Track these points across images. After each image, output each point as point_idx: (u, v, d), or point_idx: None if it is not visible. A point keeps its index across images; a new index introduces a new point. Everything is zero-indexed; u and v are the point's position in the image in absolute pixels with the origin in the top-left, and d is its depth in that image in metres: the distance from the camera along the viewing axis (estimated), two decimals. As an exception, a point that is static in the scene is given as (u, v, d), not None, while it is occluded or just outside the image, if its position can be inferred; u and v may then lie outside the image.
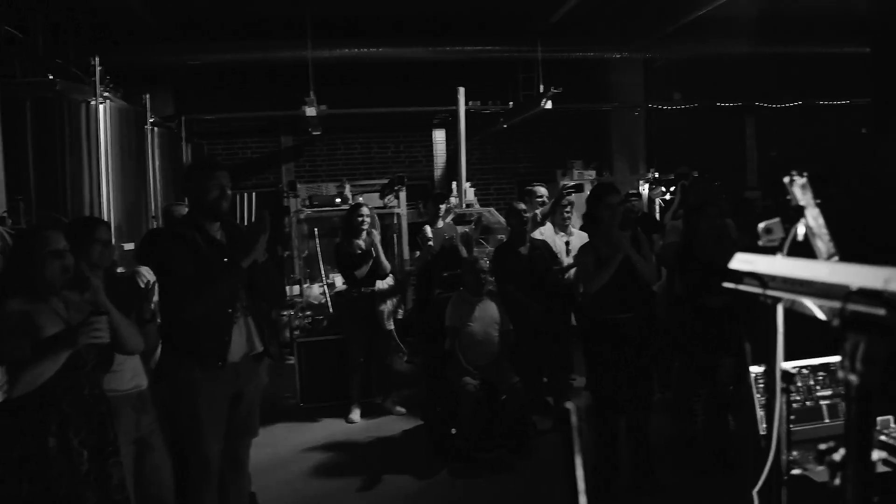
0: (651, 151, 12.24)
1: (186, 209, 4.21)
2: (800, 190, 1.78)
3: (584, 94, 11.76)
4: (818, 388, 2.71)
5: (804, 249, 1.79)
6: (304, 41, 9.27)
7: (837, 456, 1.26)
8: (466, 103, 9.79)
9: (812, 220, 1.77)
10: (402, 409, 6.55)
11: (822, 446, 1.29)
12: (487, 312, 5.63)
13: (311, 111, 9.25)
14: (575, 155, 11.81)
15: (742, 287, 1.47)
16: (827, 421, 2.69)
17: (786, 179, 1.74)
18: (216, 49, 9.65)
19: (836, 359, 2.75)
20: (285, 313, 8.32)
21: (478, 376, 5.44)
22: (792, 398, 2.62)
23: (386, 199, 8.96)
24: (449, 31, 9.95)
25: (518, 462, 5.28)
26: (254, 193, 10.97)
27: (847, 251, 1.90)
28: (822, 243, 1.77)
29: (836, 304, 1.17)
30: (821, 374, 2.73)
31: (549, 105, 9.09)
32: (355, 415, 6.44)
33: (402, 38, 9.94)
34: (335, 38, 9.73)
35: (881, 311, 1.10)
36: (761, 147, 13.32)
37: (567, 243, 6.30)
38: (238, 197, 10.83)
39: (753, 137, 13.34)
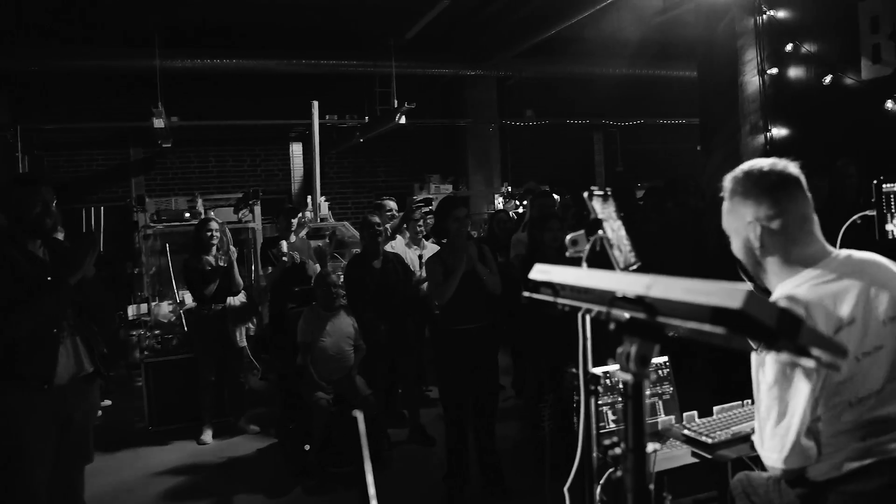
0: (505, 166, 12.62)
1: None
2: (599, 203, 1.91)
3: (440, 109, 11.98)
4: (637, 388, 2.89)
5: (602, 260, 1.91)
6: (153, 49, 8.94)
7: (619, 449, 1.36)
8: (323, 117, 9.74)
9: (611, 232, 1.90)
10: (256, 428, 6.40)
11: (606, 442, 1.38)
12: (340, 327, 5.61)
13: (159, 122, 8.92)
14: (432, 169, 12.01)
15: (538, 296, 1.55)
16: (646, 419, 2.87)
17: (585, 194, 1.86)
18: (56, 55, 9.10)
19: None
20: (134, 333, 7.95)
21: (331, 391, 5.41)
22: (612, 399, 2.78)
23: (240, 214, 8.76)
24: (306, 44, 9.89)
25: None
26: (102, 208, 10.42)
27: (681, 259, 2.06)
28: (620, 254, 1.90)
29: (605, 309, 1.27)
30: (640, 375, 2.91)
31: (403, 120, 9.20)
32: (207, 436, 6.24)
33: (257, 49, 9.79)
34: (186, 48, 9.45)
35: (642, 315, 1.19)
36: (608, 162, 14.04)
37: (420, 256, 6.38)
38: (84, 212, 10.28)
39: (601, 153, 14.03)
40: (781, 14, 6.27)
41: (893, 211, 2.34)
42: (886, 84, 5.51)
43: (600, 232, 1.84)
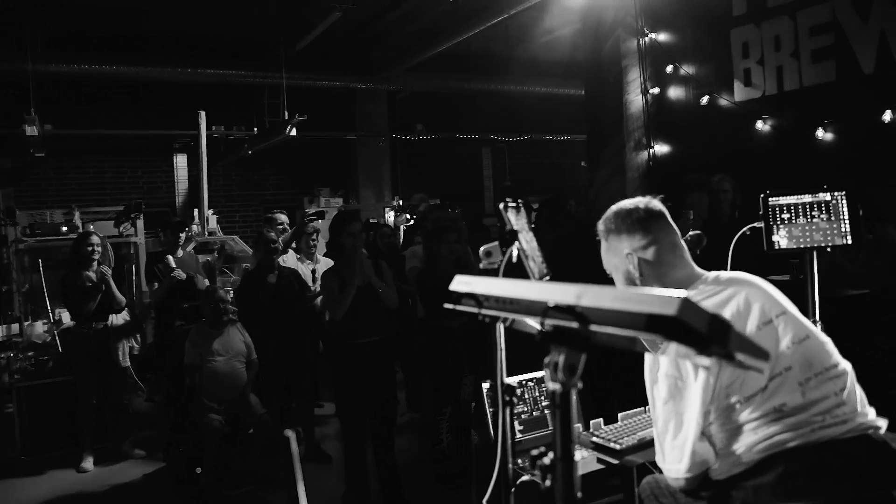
0: (395, 180, 12.64)
1: None
2: (513, 215, 1.94)
3: (330, 122, 11.87)
4: (542, 398, 2.94)
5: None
6: (25, 52, 8.42)
7: (547, 459, 1.36)
8: (210, 128, 9.44)
9: (525, 244, 1.93)
10: (142, 452, 6.09)
11: (535, 452, 1.38)
12: (231, 344, 5.43)
13: (31, 130, 8.40)
14: (322, 182, 11.87)
15: (460, 307, 1.55)
16: (551, 428, 2.92)
17: (500, 206, 1.88)
18: None
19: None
20: (2, 355, 7.42)
21: (224, 411, 5.22)
22: (519, 409, 2.81)
23: (121, 228, 8.35)
24: (193, 53, 9.58)
25: (268, 496, 5.13)
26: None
27: (569, 270, 2.11)
28: (535, 264, 1.93)
29: (538, 320, 1.28)
30: (543, 385, 2.96)
31: (293, 132, 9.05)
32: (88, 463, 5.89)
33: (141, 56, 9.39)
34: (63, 52, 8.95)
35: (574, 324, 1.21)
36: (497, 177, 14.30)
37: (313, 271, 6.28)
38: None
39: (490, 168, 14.29)
40: (662, 37, 6.59)
41: (779, 222, 2.48)
42: (757, 106, 5.88)
43: (516, 243, 1.86)
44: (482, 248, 1.98)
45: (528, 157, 13.78)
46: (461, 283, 1.57)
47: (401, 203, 10.51)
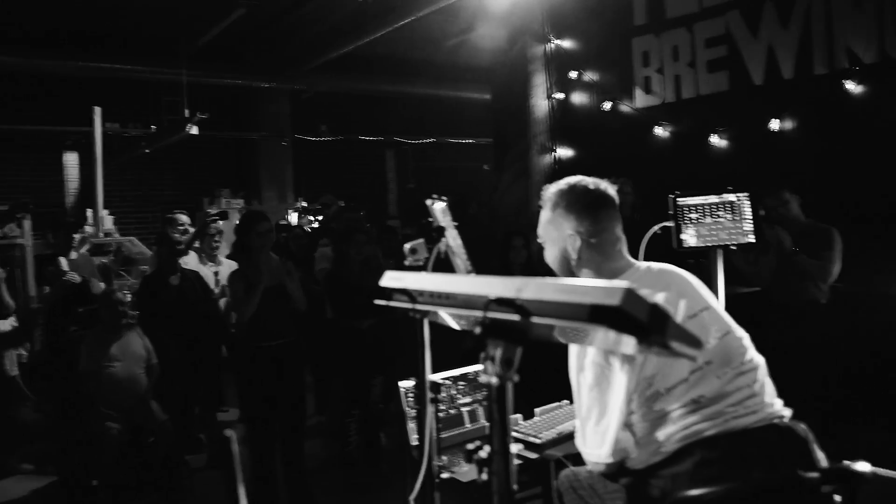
0: (299, 181, 12.45)
1: None
2: (440, 212, 1.94)
3: (232, 121, 11.59)
4: (459, 396, 2.95)
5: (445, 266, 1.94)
6: None
7: (483, 453, 1.37)
8: (103, 124, 9.03)
9: (451, 240, 1.93)
10: (30, 466, 5.75)
11: (470, 446, 1.39)
12: (130, 349, 5.20)
13: None
14: (223, 183, 11.56)
15: (392, 303, 1.54)
16: (468, 426, 2.94)
17: (428, 202, 1.88)
18: None
19: (473, 368, 3.03)
20: None
21: (122, 419, 4.99)
22: (438, 407, 2.81)
23: (6, 228, 7.87)
24: (87, 46, 9.13)
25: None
26: None
27: (486, 267, 2.13)
28: (461, 261, 1.94)
29: (478, 314, 1.28)
30: (461, 383, 2.98)
31: (194, 130, 8.77)
32: (-31, 479, 5.52)
33: (27, 47, 8.87)
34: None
35: (516, 317, 1.22)
36: (400, 179, 14.31)
37: (216, 273, 6.10)
38: None
39: (393, 170, 14.28)
40: (567, 44, 6.76)
41: (687, 222, 2.59)
42: (656, 112, 6.12)
43: (444, 239, 1.87)
44: (407, 245, 1.97)
45: (432, 160, 13.85)
46: (392, 279, 1.56)
47: (305, 205, 10.36)
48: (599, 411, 2.01)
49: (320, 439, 5.98)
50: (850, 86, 4.86)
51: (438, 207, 1.94)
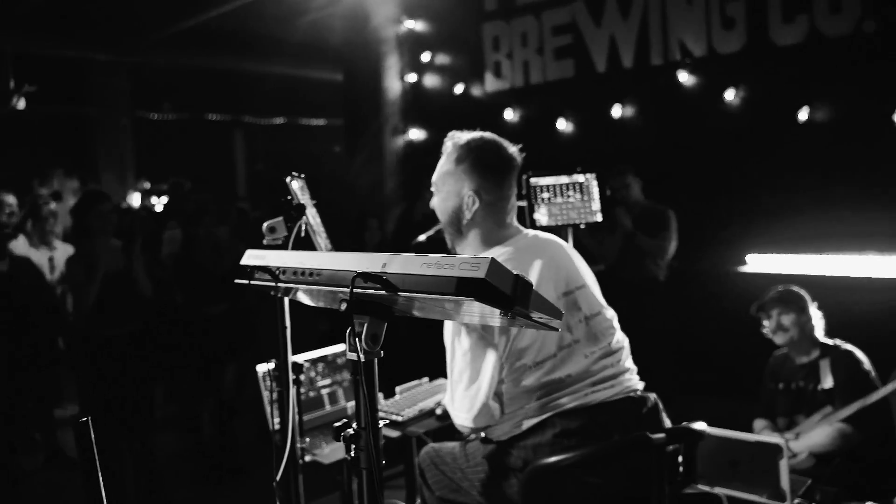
0: (141, 161, 11.81)
1: None
2: (299, 190, 1.90)
3: (64, 96, 10.78)
4: (319, 378, 2.92)
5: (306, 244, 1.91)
6: None
7: (352, 430, 1.37)
8: None
9: (311, 218, 1.91)
10: None
11: (337, 424, 1.38)
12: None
13: None
14: (55, 163, 10.74)
15: (255, 282, 1.50)
16: (328, 408, 2.92)
17: (287, 179, 1.84)
18: None
19: (331, 350, 3.01)
20: None
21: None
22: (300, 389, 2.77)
23: None
24: None
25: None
26: None
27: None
28: (321, 239, 1.92)
29: (344, 290, 1.27)
30: (320, 365, 2.95)
31: (22, 104, 8.10)
32: None
33: None
34: None
35: (382, 292, 1.22)
36: (249, 161, 13.90)
37: (51, 259, 5.68)
38: None
39: (242, 151, 13.84)
40: (419, 27, 6.80)
41: (540, 202, 2.69)
42: (505, 96, 6.29)
43: (304, 217, 1.84)
44: (265, 224, 1.93)
45: (282, 141, 13.53)
46: (254, 258, 1.52)
47: (148, 186, 9.86)
48: (471, 376, 2.03)
49: (172, 431, 5.74)
50: (683, 76, 5.20)
51: (297, 185, 1.90)
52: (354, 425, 1.38)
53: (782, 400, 3.45)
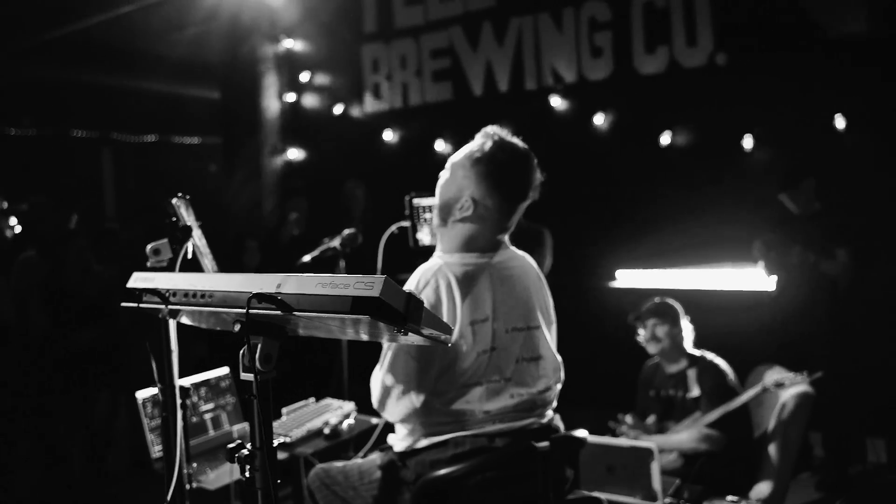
0: (-1, 179, 11.08)
1: None
2: (184, 210, 1.89)
3: None
4: (202, 403, 2.86)
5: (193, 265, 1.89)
6: None
7: (246, 451, 1.38)
8: None
9: (198, 239, 1.89)
10: None
11: (230, 445, 1.39)
12: None
13: None
14: None
15: (143, 305, 1.48)
16: (212, 433, 2.86)
17: (173, 200, 1.82)
18: None
19: (213, 374, 2.96)
20: None
21: None
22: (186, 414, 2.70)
23: None
24: None
25: None
26: None
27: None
28: (208, 260, 1.90)
29: (239, 311, 1.29)
30: (203, 389, 2.89)
31: None
32: None
33: None
34: None
35: (277, 312, 1.24)
36: (119, 180, 13.29)
37: None
38: None
39: (111, 169, 13.22)
40: (298, 46, 6.77)
41: (422, 221, 2.75)
42: (385, 117, 6.36)
43: (191, 239, 1.82)
44: (149, 246, 1.89)
45: (155, 160, 13.03)
46: (141, 280, 1.50)
47: (5, 206, 9.24)
48: (394, 379, 2.02)
49: (38, 467, 5.40)
50: (556, 101, 5.45)
51: (182, 205, 1.88)
52: (249, 445, 1.38)
53: (655, 407, 3.67)
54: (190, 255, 1.83)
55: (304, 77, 6.78)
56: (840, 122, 4.51)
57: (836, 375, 3.57)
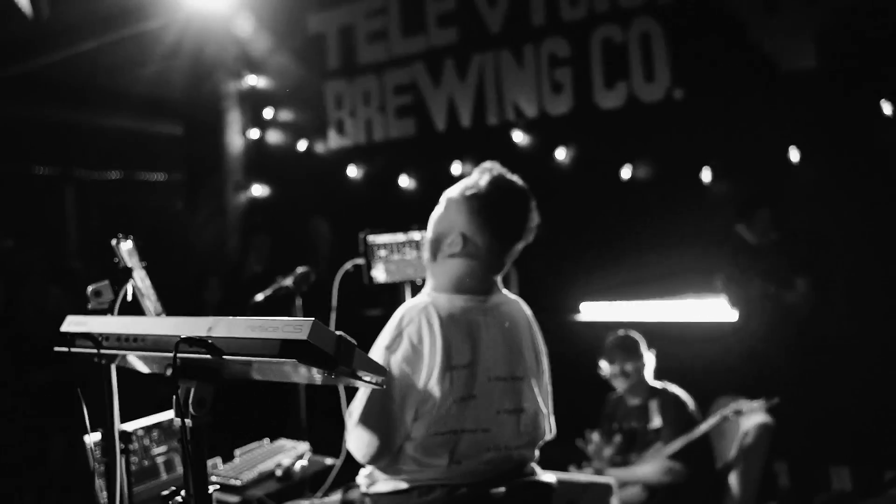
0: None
1: None
2: (126, 252, 1.86)
3: None
4: (153, 446, 2.80)
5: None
6: None
7: (181, 497, 1.34)
8: None
9: (140, 281, 1.86)
10: None
11: (164, 492, 1.35)
12: None
13: None
14: None
15: (76, 349, 1.45)
16: (164, 476, 2.79)
17: (113, 242, 1.80)
18: None
19: (166, 415, 2.90)
20: None
21: None
22: (131, 459, 2.64)
23: None
24: None
25: None
26: None
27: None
28: (150, 302, 1.87)
29: (169, 355, 1.26)
30: (154, 432, 2.82)
31: None
32: None
33: None
34: None
35: (207, 356, 1.22)
36: (82, 217, 13.13)
37: None
38: None
39: (73, 207, 13.06)
40: (262, 83, 6.78)
41: (377, 259, 2.75)
42: (349, 153, 6.37)
43: (131, 281, 1.79)
44: (90, 288, 1.86)
45: (119, 197, 12.89)
46: (75, 324, 1.47)
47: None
48: (366, 416, 1.94)
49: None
50: (517, 136, 5.50)
51: (125, 247, 1.86)
52: (183, 493, 1.35)
53: (617, 439, 3.66)
54: (130, 298, 1.80)
55: (268, 113, 6.78)
56: (794, 154, 4.60)
57: (798, 404, 3.60)
